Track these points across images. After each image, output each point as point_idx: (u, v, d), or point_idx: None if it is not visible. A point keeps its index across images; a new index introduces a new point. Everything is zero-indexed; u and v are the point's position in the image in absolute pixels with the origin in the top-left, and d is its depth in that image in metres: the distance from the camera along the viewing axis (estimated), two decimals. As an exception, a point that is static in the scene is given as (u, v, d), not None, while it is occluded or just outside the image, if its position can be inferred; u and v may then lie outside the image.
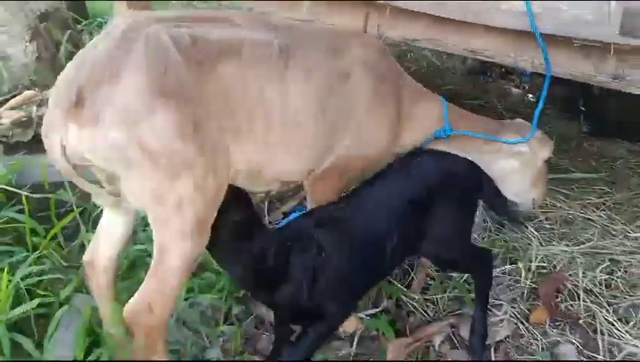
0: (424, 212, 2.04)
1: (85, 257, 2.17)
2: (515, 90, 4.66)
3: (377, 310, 2.52)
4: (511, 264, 2.78)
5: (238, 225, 1.85)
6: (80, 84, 1.67)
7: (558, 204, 3.16)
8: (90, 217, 2.57)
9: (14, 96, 3.44)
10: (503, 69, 5.18)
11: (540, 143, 2.59)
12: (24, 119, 3.14)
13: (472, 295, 2.41)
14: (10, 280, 2.09)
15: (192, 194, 1.75)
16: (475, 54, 2.31)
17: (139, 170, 1.72)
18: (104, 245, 2.11)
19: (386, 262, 2.03)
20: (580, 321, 2.50)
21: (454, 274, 2.68)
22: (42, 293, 2.25)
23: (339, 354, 2.34)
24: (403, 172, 2.11)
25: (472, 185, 2.19)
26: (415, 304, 2.58)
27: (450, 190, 2.08)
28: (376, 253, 1.99)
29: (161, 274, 1.82)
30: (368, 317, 2.48)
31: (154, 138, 1.67)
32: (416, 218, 2.03)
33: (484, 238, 2.96)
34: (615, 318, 2.49)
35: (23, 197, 2.39)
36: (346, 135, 2.16)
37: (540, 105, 2.41)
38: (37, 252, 2.30)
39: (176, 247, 1.80)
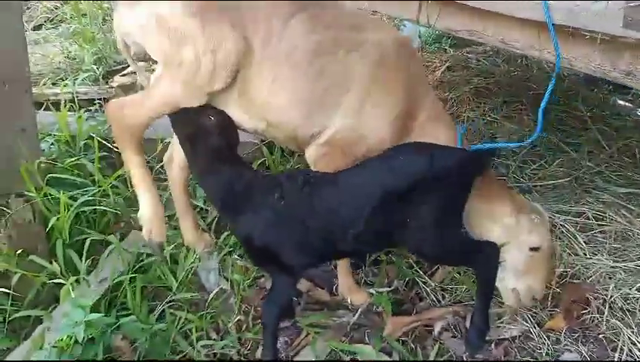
0: (403, 204, 2.00)
1: (165, 157, 2.72)
2: (620, 103, 4.32)
3: (389, 289, 2.61)
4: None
5: (217, 152, 2.14)
6: None
7: (618, 218, 2.95)
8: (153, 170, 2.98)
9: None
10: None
11: (530, 225, 2.35)
12: (128, 83, 3.67)
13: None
14: (71, 206, 2.54)
15: (191, 60, 2.18)
16: (507, 46, 2.27)
17: (156, 36, 2.22)
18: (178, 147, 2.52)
19: (347, 240, 2.04)
20: (601, 336, 2.38)
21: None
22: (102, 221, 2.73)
23: (337, 321, 2.47)
24: (385, 163, 2.09)
25: (459, 180, 2.09)
26: (428, 289, 2.62)
27: (433, 184, 2.01)
28: (337, 228, 2.03)
29: (145, 95, 2.33)
30: (378, 294, 2.58)
31: (167, 12, 2.19)
32: (393, 209, 2.01)
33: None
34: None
35: (95, 143, 2.84)
36: (344, 109, 2.25)
37: (544, 100, 2.25)
38: (101, 188, 2.75)
39: (164, 86, 2.26)
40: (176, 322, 2.36)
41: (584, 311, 2.47)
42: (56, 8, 5.69)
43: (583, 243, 2.80)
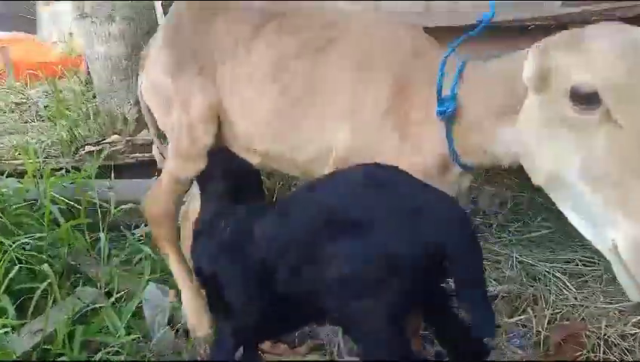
0: None
1: (181, 210, 2.59)
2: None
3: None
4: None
5: (217, 186, 1.98)
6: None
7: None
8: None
9: (104, 139, 3.96)
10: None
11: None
12: (98, 149, 3.61)
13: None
14: (6, 251, 2.36)
15: (175, 125, 2.17)
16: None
17: (153, 97, 2.29)
18: (196, 203, 2.32)
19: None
20: (599, 377, 2.09)
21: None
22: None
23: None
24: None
25: None
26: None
27: None
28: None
29: (160, 180, 2.34)
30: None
31: (154, 72, 2.25)
32: None
33: (510, 292, 2.66)
34: (641, 379, 2.04)
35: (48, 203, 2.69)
36: (333, 122, 1.86)
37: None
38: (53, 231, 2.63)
39: (167, 163, 2.29)
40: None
41: (578, 354, 2.20)
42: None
43: (573, 288, 2.58)
